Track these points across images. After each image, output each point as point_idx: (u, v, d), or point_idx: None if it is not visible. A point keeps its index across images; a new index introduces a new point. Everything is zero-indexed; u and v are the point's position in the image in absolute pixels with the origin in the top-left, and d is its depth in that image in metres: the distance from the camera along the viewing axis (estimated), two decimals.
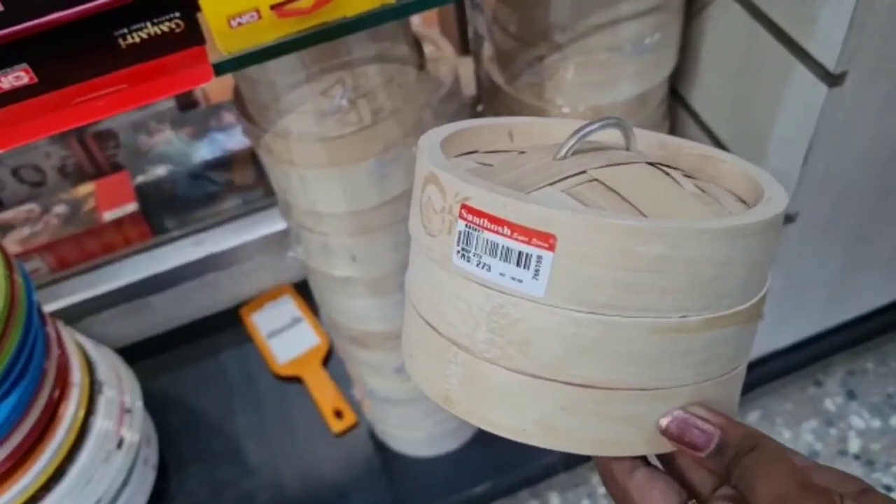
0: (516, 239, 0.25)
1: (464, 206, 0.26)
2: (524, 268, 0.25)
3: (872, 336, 1.03)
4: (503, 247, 0.26)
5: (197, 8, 0.43)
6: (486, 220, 0.26)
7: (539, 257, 0.25)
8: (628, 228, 0.24)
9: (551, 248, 0.25)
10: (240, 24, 0.43)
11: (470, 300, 0.27)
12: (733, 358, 0.29)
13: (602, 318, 0.26)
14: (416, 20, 0.99)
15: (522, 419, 0.27)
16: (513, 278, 0.26)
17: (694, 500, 0.28)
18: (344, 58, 0.53)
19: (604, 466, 0.29)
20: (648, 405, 0.27)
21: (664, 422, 0.27)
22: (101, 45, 0.43)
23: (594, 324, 0.26)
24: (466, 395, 0.28)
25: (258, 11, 0.43)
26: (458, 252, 0.27)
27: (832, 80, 0.59)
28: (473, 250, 0.26)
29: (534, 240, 0.25)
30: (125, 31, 0.43)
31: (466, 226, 0.26)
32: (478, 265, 0.26)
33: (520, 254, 0.25)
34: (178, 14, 0.43)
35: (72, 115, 0.44)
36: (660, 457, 0.30)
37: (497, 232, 0.25)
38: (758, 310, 0.29)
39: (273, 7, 0.43)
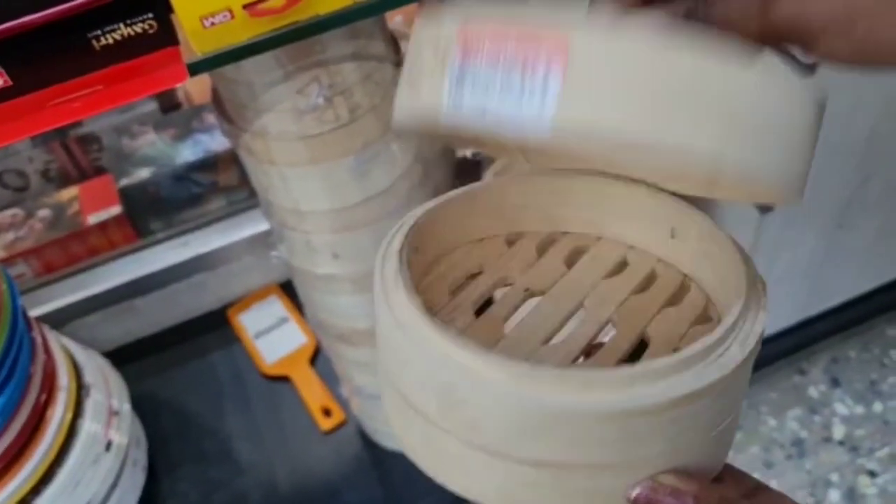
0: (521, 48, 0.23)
1: (461, 32, 0.24)
2: (528, 90, 0.23)
3: (855, 324, 1.04)
4: (505, 60, 0.23)
5: (170, 9, 0.43)
6: (487, 36, 0.24)
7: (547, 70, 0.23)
8: None
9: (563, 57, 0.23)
10: (213, 24, 0.44)
11: (418, 368, 0.27)
12: (712, 424, 0.27)
13: (551, 407, 0.25)
14: (397, 19, 1.00)
15: (483, 488, 0.27)
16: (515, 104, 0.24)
17: None
18: (319, 56, 0.53)
19: None
20: (612, 479, 0.26)
21: (632, 493, 0.26)
22: (76, 46, 0.44)
23: (543, 411, 0.25)
24: (428, 457, 0.28)
25: (231, 11, 0.44)
26: (450, 93, 0.25)
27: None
28: (469, 80, 0.24)
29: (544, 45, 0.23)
30: (99, 32, 0.44)
31: (462, 56, 0.24)
32: (472, 102, 0.24)
33: (524, 68, 0.23)
34: (151, 15, 0.43)
35: (48, 117, 0.45)
36: None
37: (500, 41, 0.23)
38: (741, 371, 0.26)
39: (245, 6, 0.44)
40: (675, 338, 0.31)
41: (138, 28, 0.44)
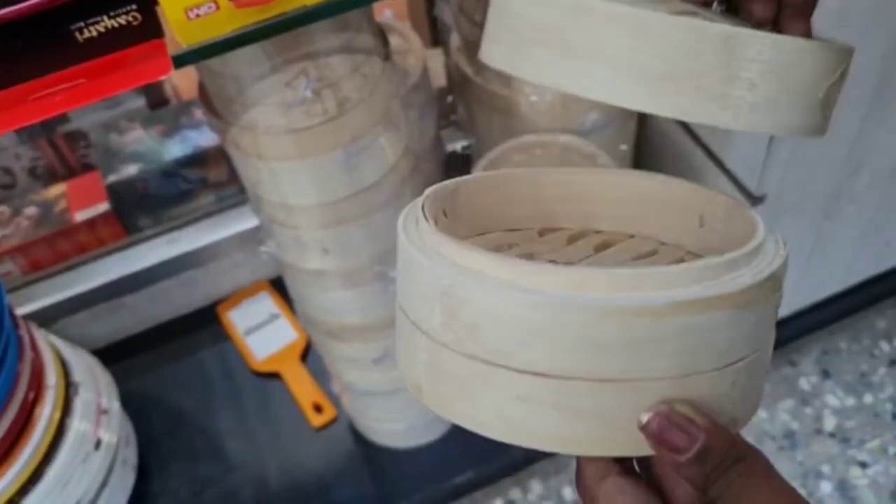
0: None
1: None
2: None
3: (845, 315, 1.04)
4: None
5: (154, 0, 0.43)
6: None
7: None
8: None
9: None
10: (198, 15, 0.43)
11: (425, 277, 0.26)
12: (726, 351, 0.25)
13: (554, 297, 0.24)
14: (387, 14, 0.99)
15: (481, 410, 0.26)
16: None
17: None
18: (307, 48, 0.53)
19: (578, 468, 0.27)
20: (615, 398, 0.25)
21: (644, 417, 0.24)
22: (58, 39, 0.43)
23: (542, 305, 0.24)
24: (431, 384, 0.27)
25: (216, 2, 0.43)
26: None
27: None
28: None
29: None
30: (81, 24, 0.43)
31: None
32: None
33: None
34: (134, 7, 0.43)
35: (30, 110, 0.44)
36: (639, 462, 0.28)
37: None
38: (751, 296, 0.25)
39: None
40: None
41: (122, 20, 0.43)
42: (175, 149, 0.93)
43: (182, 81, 1.04)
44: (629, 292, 0.24)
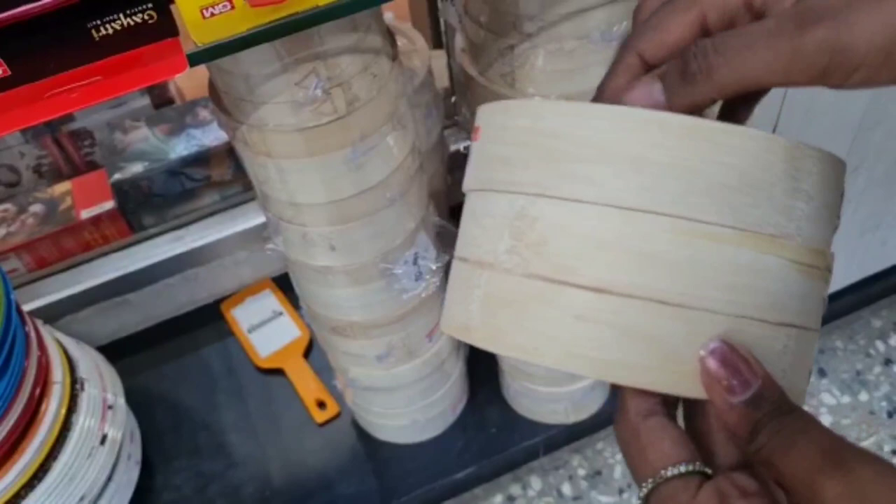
0: None
1: None
2: None
3: (841, 315, 1.06)
4: None
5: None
6: None
7: None
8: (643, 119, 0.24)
9: None
10: (213, 14, 0.44)
11: (497, 210, 0.27)
12: (779, 306, 0.25)
13: (621, 211, 0.24)
14: (388, 15, 1.00)
15: (536, 334, 0.26)
16: None
17: (705, 466, 0.25)
18: (317, 48, 0.53)
19: (621, 403, 0.27)
20: (673, 324, 0.25)
21: (708, 346, 0.24)
22: (75, 36, 0.44)
23: (612, 216, 0.24)
24: (484, 318, 0.27)
25: (231, 2, 0.44)
26: None
27: None
28: None
29: None
30: (98, 22, 0.44)
31: None
32: None
33: None
34: (150, 5, 0.44)
35: (46, 107, 0.45)
36: (684, 413, 0.28)
37: None
38: (809, 259, 0.26)
39: None
40: None
41: (138, 18, 0.44)
42: (179, 147, 0.94)
43: (186, 82, 1.05)
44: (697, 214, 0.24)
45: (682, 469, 0.24)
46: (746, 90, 0.24)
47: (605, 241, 0.25)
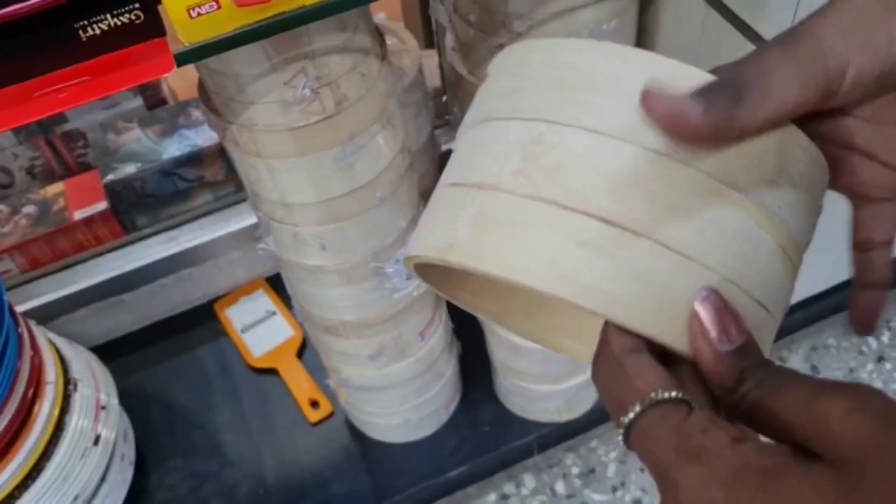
0: None
1: None
2: None
3: (834, 312, 1.06)
4: None
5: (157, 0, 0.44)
6: None
7: None
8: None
9: None
10: (199, 14, 0.44)
11: (509, 136, 0.27)
12: (761, 282, 0.26)
13: (642, 151, 0.25)
14: (381, 16, 1.01)
15: (531, 255, 0.25)
16: None
17: (688, 399, 0.24)
18: (306, 48, 0.54)
19: (603, 341, 0.26)
20: (670, 270, 0.25)
21: (702, 294, 0.24)
22: (62, 37, 0.44)
23: (633, 154, 0.25)
24: (473, 236, 0.26)
25: (217, 1, 0.44)
26: None
27: None
28: None
29: None
30: (85, 23, 0.44)
31: None
32: None
33: None
34: (137, 5, 0.44)
35: (35, 107, 0.45)
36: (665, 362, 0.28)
37: None
38: (791, 249, 0.27)
39: None
40: None
41: (125, 18, 0.44)
42: (172, 148, 0.94)
43: (178, 82, 1.05)
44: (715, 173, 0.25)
45: (674, 394, 0.24)
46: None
47: (623, 176, 0.25)
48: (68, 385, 0.82)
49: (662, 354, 0.26)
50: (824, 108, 0.26)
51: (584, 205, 0.25)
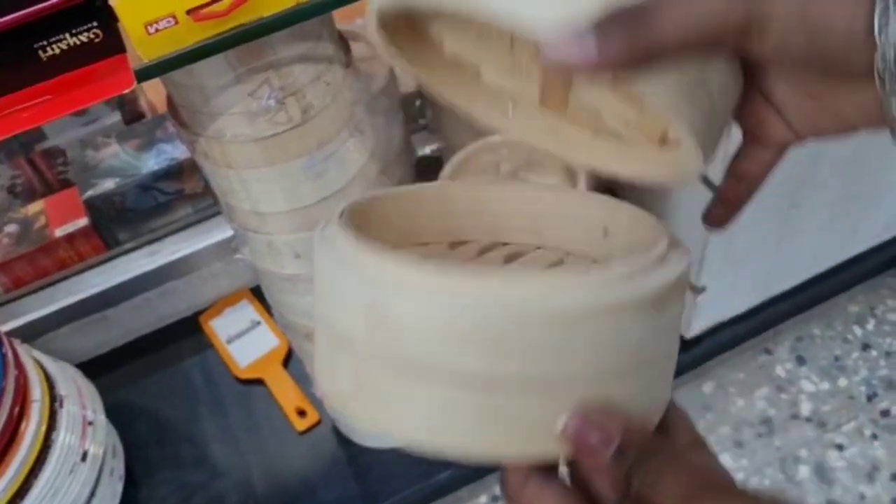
0: None
1: None
2: None
3: (818, 302, 1.07)
4: None
5: (114, 17, 0.44)
6: None
7: None
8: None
9: None
10: (157, 30, 0.45)
11: (348, 293, 0.27)
12: (637, 353, 0.26)
13: (466, 298, 0.25)
14: (358, 22, 1.01)
15: (408, 422, 0.26)
16: None
17: None
18: (269, 58, 0.54)
19: (502, 477, 0.28)
20: (533, 401, 0.25)
21: (562, 421, 0.25)
22: (22, 57, 0.44)
23: (461, 310, 0.25)
24: (358, 401, 0.27)
25: (174, 17, 0.45)
26: None
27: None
28: None
29: None
30: (45, 42, 0.44)
31: None
32: None
33: None
34: (95, 24, 0.44)
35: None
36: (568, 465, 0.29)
37: None
38: (660, 298, 0.26)
39: (189, 11, 0.45)
40: None
41: (84, 37, 0.45)
42: (151, 162, 0.95)
43: (157, 97, 1.05)
44: (545, 297, 0.25)
45: None
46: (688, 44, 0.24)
47: (457, 327, 0.25)
48: (54, 402, 0.82)
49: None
50: (746, 54, 0.25)
51: (435, 363, 0.25)
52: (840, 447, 1.00)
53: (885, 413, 1.02)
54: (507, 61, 0.35)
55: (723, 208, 0.33)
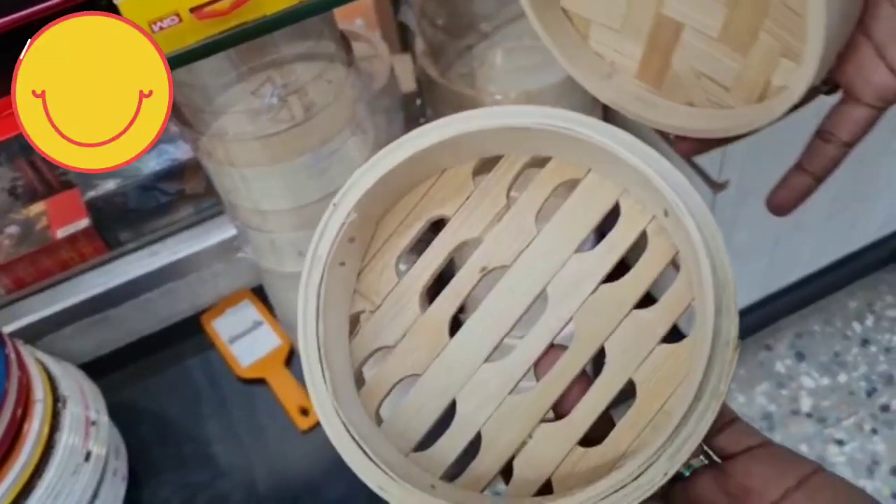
0: None
1: None
2: None
3: (817, 298, 1.07)
4: None
5: (119, 15, 0.44)
6: None
7: None
8: None
9: None
10: (161, 28, 0.45)
11: None
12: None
13: None
14: (358, 22, 1.01)
15: None
16: None
17: None
18: (271, 56, 0.54)
19: None
20: None
21: None
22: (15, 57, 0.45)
23: None
24: None
25: (178, 15, 0.45)
26: None
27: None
28: None
29: None
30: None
31: None
32: None
33: None
34: None
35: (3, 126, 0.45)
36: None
37: None
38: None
39: (192, 10, 0.45)
40: (635, 360, 0.30)
41: None
42: (152, 162, 0.95)
43: None
44: None
45: None
46: None
47: None
48: (57, 403, 0.82)
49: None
50: None
51: None
52: (840, 442, 1.00)
53: (885, 408, 1.02)
54: (618, 21, 0.36)
55: (801, 178, 0.33)
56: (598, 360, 0.31)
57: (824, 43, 0.27)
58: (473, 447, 0.32)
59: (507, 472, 0.31)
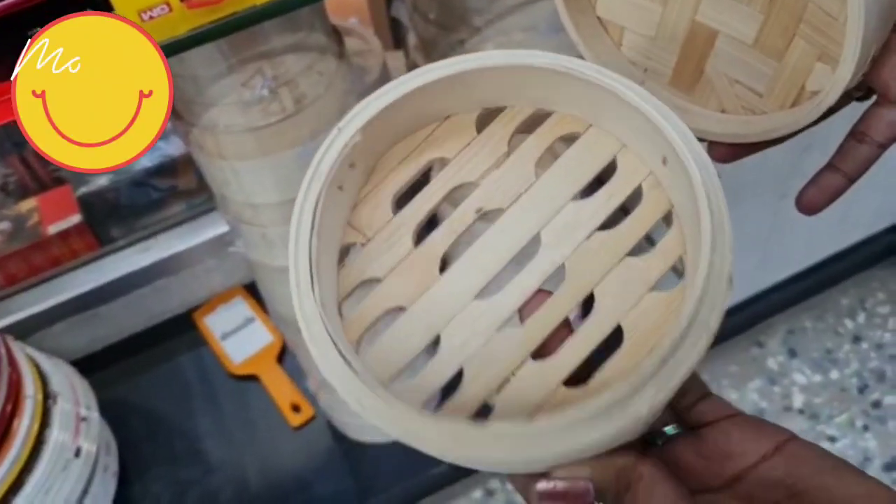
0: None
1: None
2: None
3: (809, 294, 1.07)
4: None
5: (108, 4, 0.44)
6: None
7: None
8: None
9: None
10: (151, 17, 0.45)
11: None
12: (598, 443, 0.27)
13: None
14: (352, 20, 1.01)
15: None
16: None
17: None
18: (262, 48, 0.54)
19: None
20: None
21: (539, 490, 0.26)
22: (14, 46, 0.44)
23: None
24: None
25: (168, 4, 0.45)
26: None
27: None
28: None
29: None
30: (38, 30, 0.44)
31: None
32: None
33: None
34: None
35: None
36: None
37: None
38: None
39: None
40: (625, 306, 0.30)
41: None
42: (144, 159, 0.94)
43: None
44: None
45: None
46: None
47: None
48: (48, 399, 0.82)
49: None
50: None
51: None
52: (832, 439, 1.00)
53: (877, 404, 1.03)
54: (652, 28, 0.36)
55: (834, 177, 0.33)
56: (588, 307, 0.31)
57: (862, 45, 0.28)
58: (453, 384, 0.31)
59: (486, 409, 0.31)
